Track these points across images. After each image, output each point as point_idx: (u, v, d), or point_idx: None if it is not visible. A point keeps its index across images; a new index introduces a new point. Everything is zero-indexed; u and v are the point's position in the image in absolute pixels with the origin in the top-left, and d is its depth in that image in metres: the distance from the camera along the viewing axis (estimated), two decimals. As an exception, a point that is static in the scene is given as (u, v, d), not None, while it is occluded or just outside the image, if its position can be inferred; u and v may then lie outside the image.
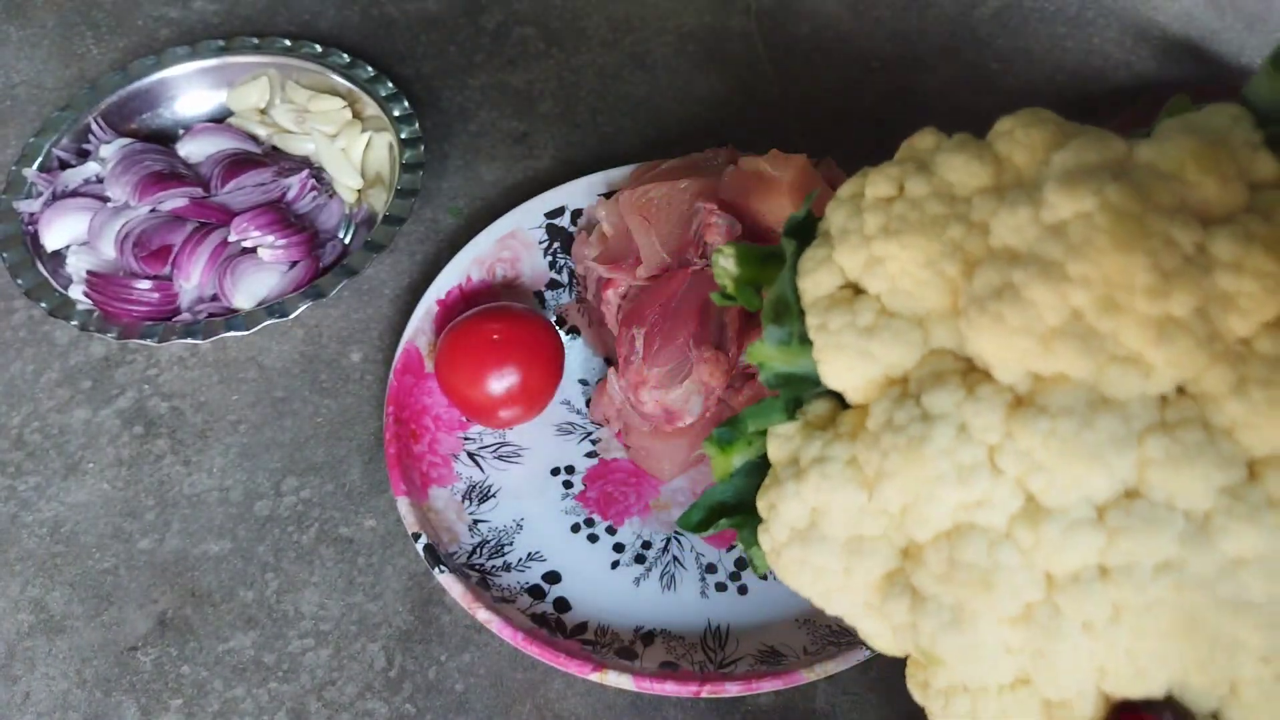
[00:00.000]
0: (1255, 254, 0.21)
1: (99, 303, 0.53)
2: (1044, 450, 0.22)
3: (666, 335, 0.46)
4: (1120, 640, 0.22)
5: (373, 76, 0.61)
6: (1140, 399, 0.22)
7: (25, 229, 0.55)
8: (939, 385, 0.24)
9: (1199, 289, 0.21)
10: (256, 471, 0.50)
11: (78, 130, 0.60)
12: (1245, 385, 0.21)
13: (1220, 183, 0.23)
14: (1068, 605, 0.22)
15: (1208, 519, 0.21)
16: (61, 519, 0.49)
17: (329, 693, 0.44)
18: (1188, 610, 0.21)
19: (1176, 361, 0.22)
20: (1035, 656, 0.23)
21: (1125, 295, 0.22)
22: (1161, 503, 0.21)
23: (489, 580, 0.45)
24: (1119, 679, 0.23)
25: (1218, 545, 0.21)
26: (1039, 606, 0.23)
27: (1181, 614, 0.21)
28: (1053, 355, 0.22)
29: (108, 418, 0.52)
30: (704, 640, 0.44)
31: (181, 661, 0.45)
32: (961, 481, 0.23)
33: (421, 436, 0.49)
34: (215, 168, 0.57)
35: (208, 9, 0.70)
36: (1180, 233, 0.22)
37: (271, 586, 0.47)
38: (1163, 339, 0.22)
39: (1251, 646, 0.21)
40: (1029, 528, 0.23)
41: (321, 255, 0.56)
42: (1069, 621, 0.22)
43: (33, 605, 0.47)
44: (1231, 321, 0.21)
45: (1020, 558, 0.23)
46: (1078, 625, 0.22)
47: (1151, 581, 0.21)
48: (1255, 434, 0.21)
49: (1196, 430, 0.21)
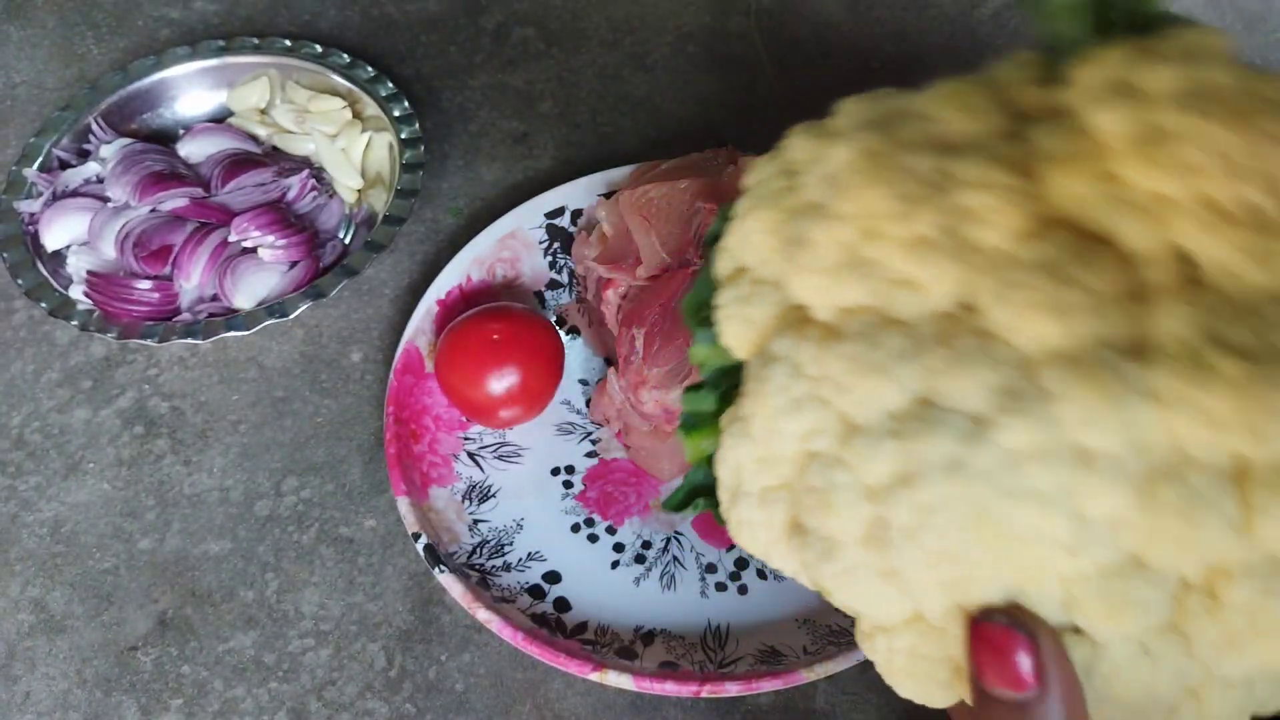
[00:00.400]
0: (994, 171, 0.24)
1: (99, 303, 0.53)
2: (845, 372, 0.24)
3: (666, 335, 0.46)
4: (933, 543, 0.23)
5: (373, 77, 0.61)
6: (925, 317, 0.24)
7: (25, 229, 0.55)
8: (780, 333, 0.26)
9: (941, 209, 0.24)
10: (257, 471, 0.50)
11: (78, 130, 0.60)
12: (1006, 291, 0.23)
13: (967, 115, 0.25)
14: (889, 516, 0.24)
15: (985, 418, 0.23)
16: (62, 519, 0.49)
17: (329, 692, 0.44)
18: (979, 504, 0.23)
19: (941, 277, 0.24)
20: (890, 576, 0.24)
21: (880, 224, 0.24)
22: (946, 407, 0.23)
23: (489, 580, 0.45)
24: (954, 587, 0.24)
25: (997, 440, 0.22)
26: (873, 523, 0.24)
27: (975, 509, 0.23)
28: (843, 287, 0.25)
29: (108, 418, 0.52)
30: (704, 640, 0.44)
31: (182, 661, 0.45)
32: (798, 413, 0.25)
33: (422, 436, 0.49)
34: (215, 168, 0.57)
35: (208, 9, 0.70)
36: (918, 161, 0.24)
37: (272, 586, 0.47)
38: (919, 258, 0.24)
39: (1052, 537, 0.22)
40: (848, 446, 0.24)
41: (321, 255, 0.56)
42: (895, 532, 0.24)
43: (33, 605, 0.47)
44: (982, 234, 0.23)
45: (849, 476, 0.24)
46: (902, 535, 0.24)
47: (942, 481, 0.23)
48: (1022, 335, 0.23)
49: (970, 338, 0.23)
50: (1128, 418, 0.21)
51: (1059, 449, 0.22)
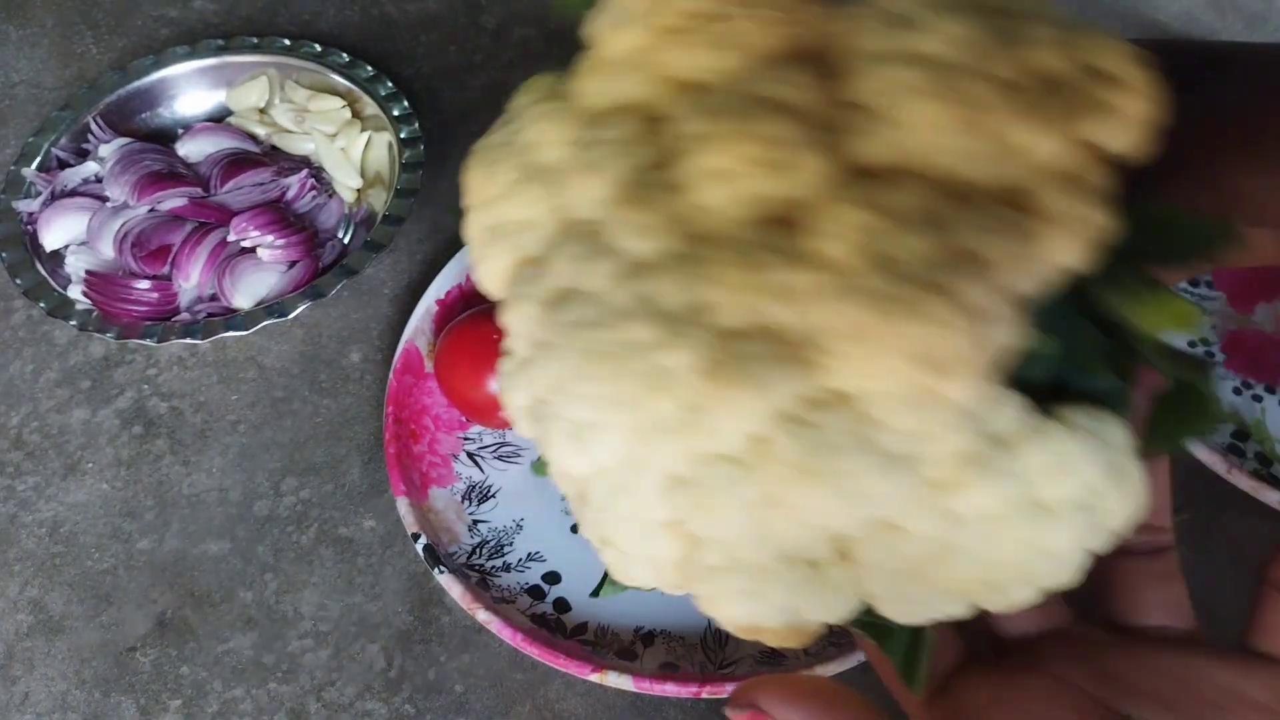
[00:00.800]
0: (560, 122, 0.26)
1: (98, 302, 0.53)
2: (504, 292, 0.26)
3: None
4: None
5: (372, 76, 0.61)
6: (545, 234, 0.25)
7: (24, 228, 0.55)
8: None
9: (513, 161, 0.26)
10: (256, 472, 0.50)
11: (77, 130, 0.60)
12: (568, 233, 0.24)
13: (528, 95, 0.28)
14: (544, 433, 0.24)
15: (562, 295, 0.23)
16: (61, 519, 0.49)
17: (328, 693, 0.44)
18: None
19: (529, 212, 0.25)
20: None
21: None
22: (586, 293, 0.23)
23: (489, 581, 0.45)
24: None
25: (548, 278, 0.23)
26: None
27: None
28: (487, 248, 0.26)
29: (107, 418, 0.52)
30: (704, 641, 0.44)
31: (181, 662, 0.45)
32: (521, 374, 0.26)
33: (421, 436, 0.49)
34: (214, 167, 0.57)
35: (207, 8, 0.70)
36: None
37: (271, 587, 0.47)
38: (517, 196, 0.25)
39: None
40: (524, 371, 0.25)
41: (321, 255, 0.56)
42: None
43: (32, 606, 0.47)
44: (541, 155, 0.26)
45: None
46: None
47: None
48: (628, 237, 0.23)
49: (585, 241, 0.23)
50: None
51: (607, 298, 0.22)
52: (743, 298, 0.20)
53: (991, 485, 0.21)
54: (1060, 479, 0.21)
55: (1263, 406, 0.49)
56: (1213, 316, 0.53)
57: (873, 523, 0.21)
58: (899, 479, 0.20)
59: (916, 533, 0.21)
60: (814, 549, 0.22)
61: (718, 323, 0.20)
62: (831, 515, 0.21)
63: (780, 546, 0.22)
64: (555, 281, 0.23)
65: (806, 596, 0.22)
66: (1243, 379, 0.50)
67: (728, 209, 0.21)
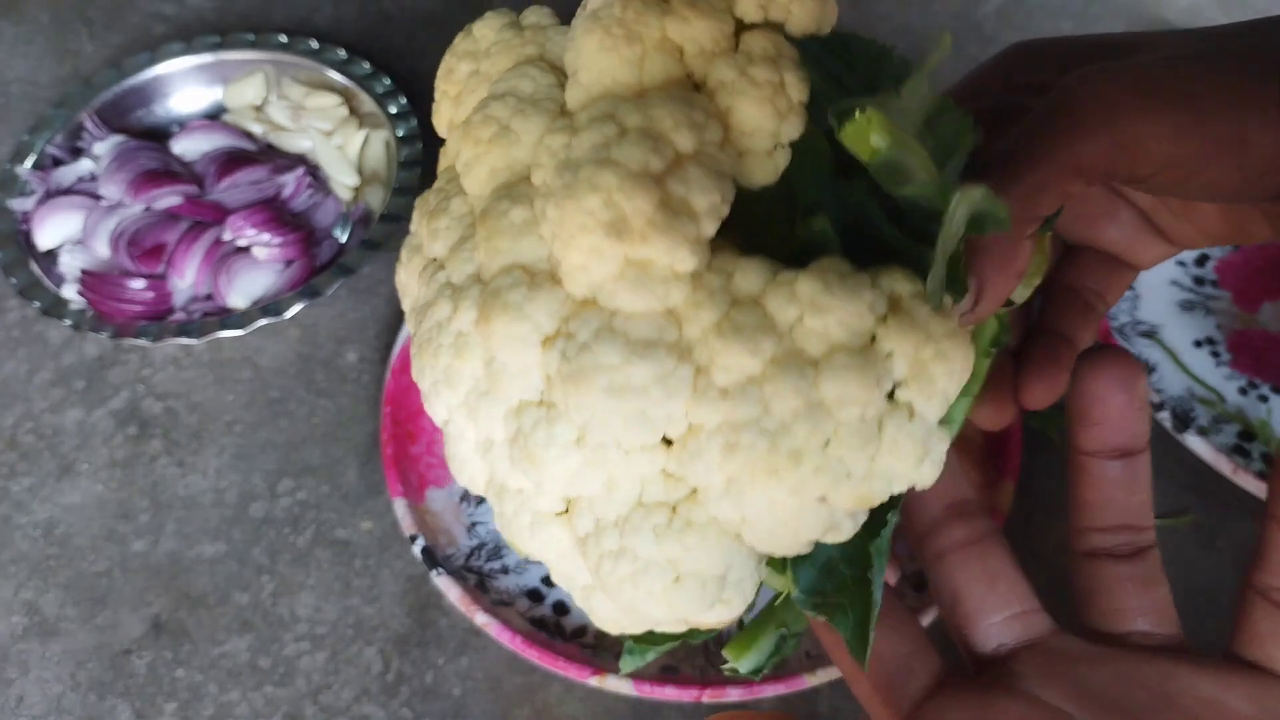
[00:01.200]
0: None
1: (93, 302, 0.52)
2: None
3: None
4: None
5: (369, 73, 0.61)
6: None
7: (18, 227, 0.55)
8: None
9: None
10: (252, 473, 0.50)
11: (71, 127, 0.59)
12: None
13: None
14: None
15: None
16: (55, 521, 0.49)
17: (325, 697, 0.44)
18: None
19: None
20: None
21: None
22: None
23: (487, 583, 0.45)
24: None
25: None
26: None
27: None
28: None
29: (101, 418, 0.52)
30: (705, 644, 0.44)
31: (176, 665, 0.44)
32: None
33: (419, 437, 0.49)
34: (210, 165, 0.57)
35: (203, 5, 0.70)
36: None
37: (267, 589, 0.46)
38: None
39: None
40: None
41: (317, 254, 0.56)
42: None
43: (26, 608, 0.46)
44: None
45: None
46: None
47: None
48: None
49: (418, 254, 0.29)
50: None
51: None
52: (493, 246, 0.24)
53: (746, 346, 0.21)
54: (816, 322, 0.21)
55: (1268, 407, 0.49)
56: (1218, 316, 0.52)
57: (668, 432, 0.22)
58: (654, 363, 0.21)
59: (709, 425, 0.22)
60: (662, 484, 0.23)
61: (484, 277, 0.24)
62: (626, 423, 0.22)
63: (629, 494, 0.23)
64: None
65: (678, 544, 0.23)
66: (1248, 379, 0.50)
67: (483, 191, 0.25)
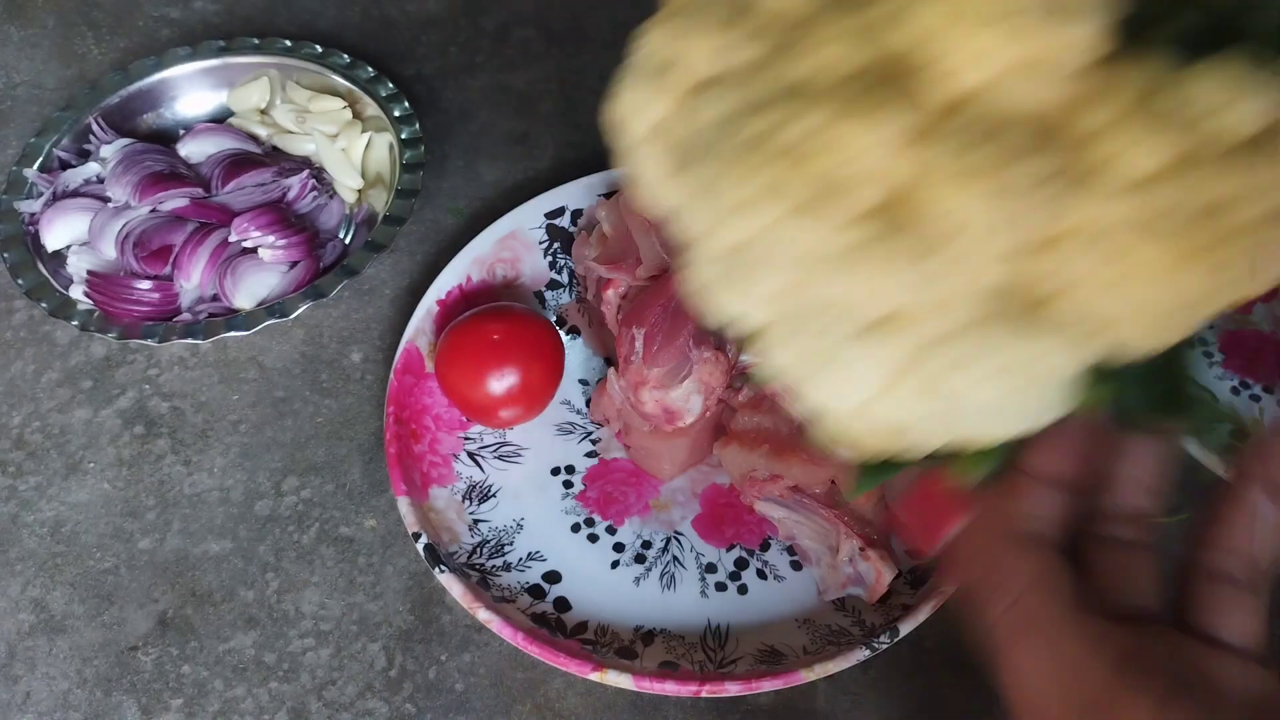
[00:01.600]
0: None
1: (100, 303, 0.53)
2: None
3: (667, 335, 0.46)
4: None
5: (373, 77, 0.61)
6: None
7: (26, 229, 0.55)
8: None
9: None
10: (257, 471, 0.50)
11: (78, 130, 0.60)
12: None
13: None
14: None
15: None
16: (62, 519, 0.49)
17: (329, 692, 0.44)
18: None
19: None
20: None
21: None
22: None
23: (489, 580, 0.45)
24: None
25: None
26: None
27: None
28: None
29: (108, 418, 0.52)
30: (704, 640, 0.44)
31: (182, 661, 0.45)
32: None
33: (422, 436, 0.50)
34: (216, 168, 0.57)
35: (208, 9, 0.70)
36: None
37: (272, 586, 0.47)
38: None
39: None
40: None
41: (322, 255, 0.56)
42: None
43: (33, 605, 0.47)
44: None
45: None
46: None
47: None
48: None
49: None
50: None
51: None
52: (842, 44, 0.22)
53: (1162, 136, 0.20)
54: (1232, 111, 0.20)
55: (1261, 406, 0.49)
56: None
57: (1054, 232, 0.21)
58: (1049, 157, 0.20)
59: (1103, 220, 0.20)
60: (1019, 280, 0.21)
61: (839, 73, 0.22)
62: (1010, 221, 0.20)
63: (982, 287, 0.21)
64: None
65: (1031, 346, 0.21)
66: (1240, 379, 0.51)
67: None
